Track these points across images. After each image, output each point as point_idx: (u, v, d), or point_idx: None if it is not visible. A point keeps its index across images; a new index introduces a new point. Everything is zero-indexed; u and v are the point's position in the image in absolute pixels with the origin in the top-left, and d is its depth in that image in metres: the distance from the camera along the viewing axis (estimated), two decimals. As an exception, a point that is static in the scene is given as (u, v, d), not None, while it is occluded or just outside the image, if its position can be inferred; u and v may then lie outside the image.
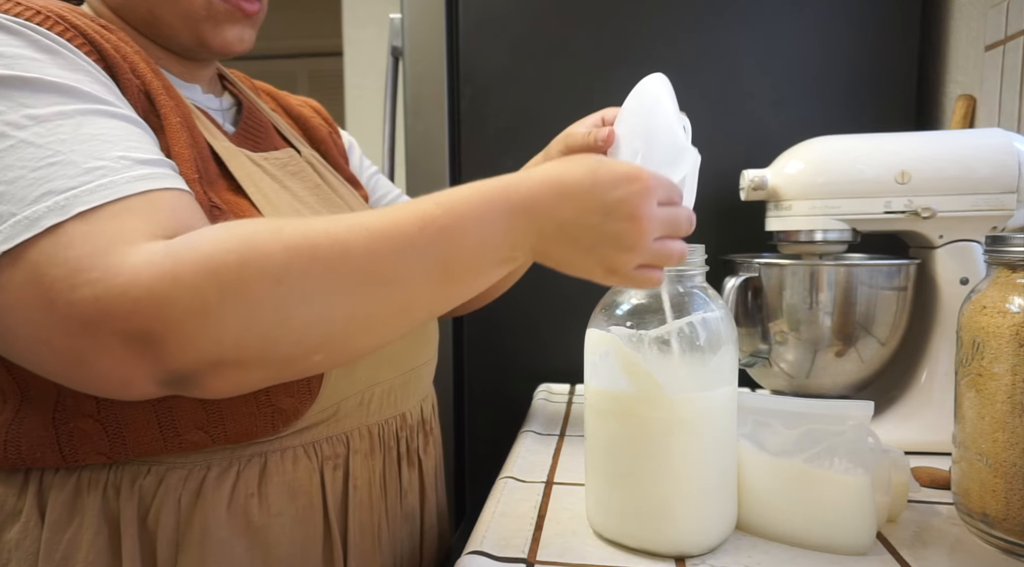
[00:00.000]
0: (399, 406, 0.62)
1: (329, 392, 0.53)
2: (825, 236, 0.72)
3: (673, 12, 0.98)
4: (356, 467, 0.56)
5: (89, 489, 0.49)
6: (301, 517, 0.53)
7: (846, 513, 0.49)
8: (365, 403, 0.57)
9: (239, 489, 0.50)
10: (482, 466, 1.08)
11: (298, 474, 0.53)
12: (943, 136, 0.71)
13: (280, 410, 0.50)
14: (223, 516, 0.50)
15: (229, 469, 0.50)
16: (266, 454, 0.52)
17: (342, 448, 0.56)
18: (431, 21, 1.02)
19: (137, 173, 0.42)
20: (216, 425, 0.48)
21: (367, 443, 0.58)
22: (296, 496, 0.53)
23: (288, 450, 0.52)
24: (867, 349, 0.71)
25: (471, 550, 0.50)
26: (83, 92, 0.43)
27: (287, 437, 0.52)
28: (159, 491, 0.49)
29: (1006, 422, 0.47)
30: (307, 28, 3.35)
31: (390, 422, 0.61)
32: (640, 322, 0.49)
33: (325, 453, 0.54)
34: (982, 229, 0.68)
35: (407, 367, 0.62)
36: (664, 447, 0.48)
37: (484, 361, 1.07)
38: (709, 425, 0.48)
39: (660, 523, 0.49)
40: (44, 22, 0.46)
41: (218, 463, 0.50)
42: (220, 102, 0.64)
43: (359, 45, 2.54)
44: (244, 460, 0.51)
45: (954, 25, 0.94)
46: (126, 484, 0.49)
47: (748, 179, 0.74)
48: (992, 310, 0.49)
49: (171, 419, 0.48)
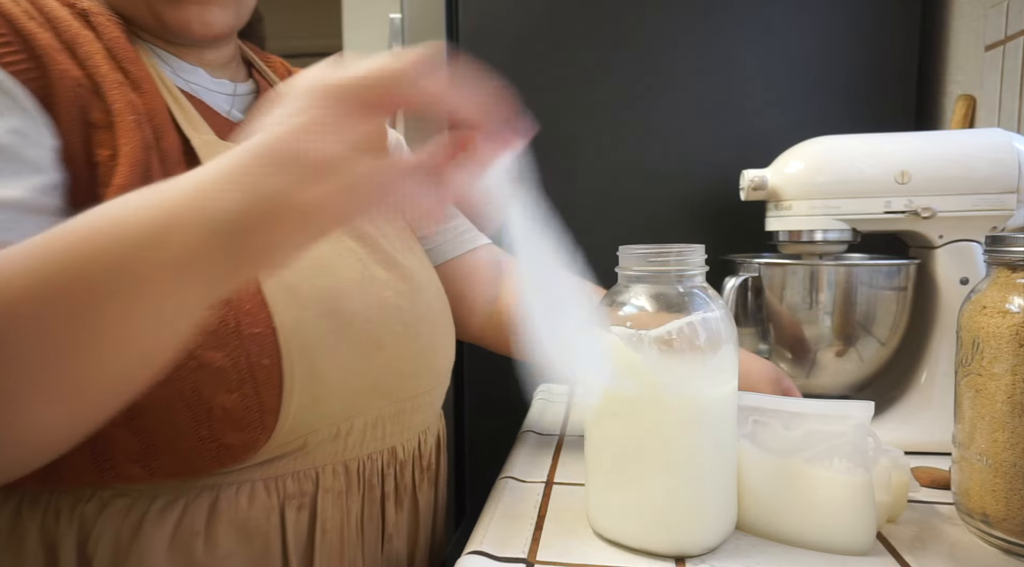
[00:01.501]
0: (388, 440, 0.55)
1: (291, 426, 0.46)
2: (825, 236, 0.72)
3: (673, 12, 0.98)
4: (326, 508, 0.50)
5: (29, 511, 0.46)
6: (255, 561, 0.47)
7: (846, 513, 0.49)
8: (341, 436, 0.51)
9: (184, 526, 0.46)
10: (482, 466, 1.08)
11: (253, 512, 0.47)
12: (943, 136, 0.71)
13: (226, 446, 0.44)
14: (163, 555, 0.45)
15: (175, 502, 0.46)
16: (219, 488, 0.46)
17: (309, 485, 0.49)
18: (431, 21, 1.02)
19: None
20: (153, 459, 0.44)
21: (341, 481, 0.51)
22: (250, 538, 0.47)
23: (245, 484, 0.47)
24: (867, 349, 0.71)
25: (471, 550, 0.50)
26: None
27: (244, 470, 0.47)
28: (100, 519, 0.45)
29: (1006, 422, 0.47)
30: (307, 28, 3.34)
31: (375, 457, 0.54)
32: (640, 322, 0.49)
33: (288, 490, 0.48)
34: (982, 229, 0.68)
35: (402, 396, 0.56)
36: (664, 447, 0.48)
37: (484, 361, 1.07)
38: (709, 425, 0.48)
39: (660, 523, 0.48)
40: None
41: (165, 493, 0.46)
42: (235, 87, 0.60)
43: (359, 45, 2.54)
44: (193, 493, 0.46)
45: (954, 25, 0.94)
46: (66, 509, 0.45)
47: (748, 179, 0.74)
48: (992, 310, 0.49)
49: (106, 450, 0.44)
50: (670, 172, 1.00)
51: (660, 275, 0.50)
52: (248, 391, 0.44)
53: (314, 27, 3.32)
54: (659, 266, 0.50)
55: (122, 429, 0.43)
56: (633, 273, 0.51)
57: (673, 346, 0.48)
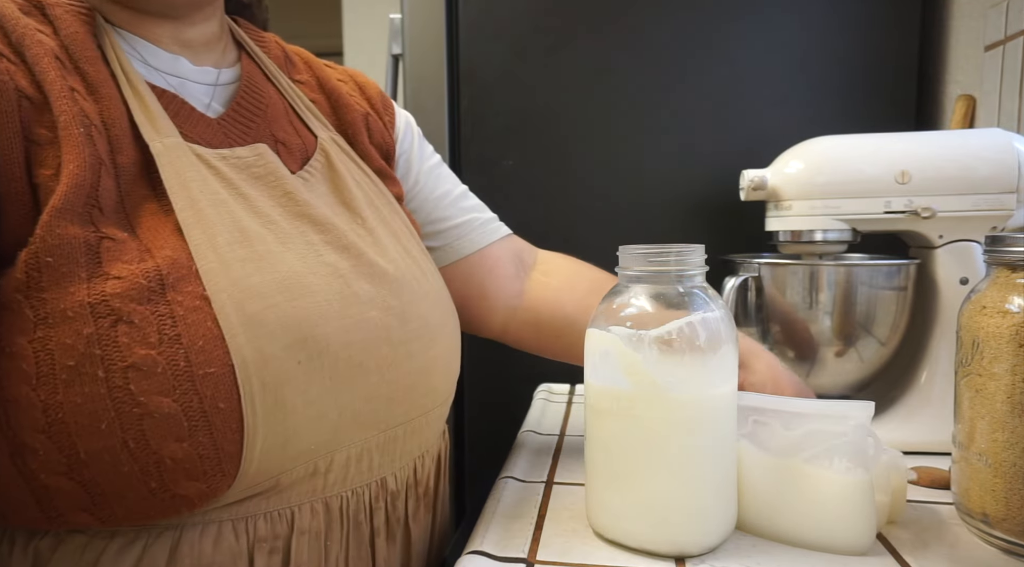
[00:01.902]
0: (376, 471, 0.50)
1: (256, 469, 0.42)
2: (825, 236, 0.72)
3: (673, 12, 0.98)
4: (300, 551, 0.45)
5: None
6: None
7: (846, 513, 0.49)
8: (320, 473, 0.46)
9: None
10: (482, 466, 1.08)
11: (218, 558, 0.43)
12: (943, 136, 0.71)
13: (181, 496, 0.40)
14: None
15: (135, 542, 0.42)
16: (182, 528, 0.42)
17: (283, 526, 0.45)
18: (431, 21, 1.02)
19: None
20: (101, 508, 0.40)
21: (320, 520, 0.46)
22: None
23: (210, 525, 0.43)
24: (867, 349, 0.71)
25: (471, 550, 0.50)
26: None
27: (210, 511, 0.43)
28: (56, 555, 0.42)
29: (1006, 422, 0.47)
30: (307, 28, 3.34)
31: (360, 492, 0.49)
32: (640, 322, 0.49)
33: (259, 533, 0.44)
34: (982, 229, 0.68)
35: (392, 423, 0.50)
36: (664, 447, 0.48)
37: (484, 361, 1.07)
38: (709, 425, 0.48)
39: (660, 523, 0.48)
40: None
41: (124, 533, 0.42)
42: (218, 75, 0.55)
43: (359, 45, 2.54)
44: (154, 534, 0.42)
45: (954, 25, 0.94)
46: (20, 541, 0.42)
47: (748, 179, 0.74)
48: (992, 310, 0.49)
49: (49, 500, 0.40)
50: (670, 172, 1.00)
51: (660, 275, 0.50)
52: (202, 438, 0.39)
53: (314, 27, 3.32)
54: (659, 266, 0.50)
55: (63, 479, 0.39)
56: (633, 273, 0.51)
57: (673, 346, 0.48)
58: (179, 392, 0.39)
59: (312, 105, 0.60)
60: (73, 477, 0.39)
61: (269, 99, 0.57)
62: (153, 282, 0.40)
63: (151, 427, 0.39)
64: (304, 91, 0.61)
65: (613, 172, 1.01)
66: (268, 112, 0.56)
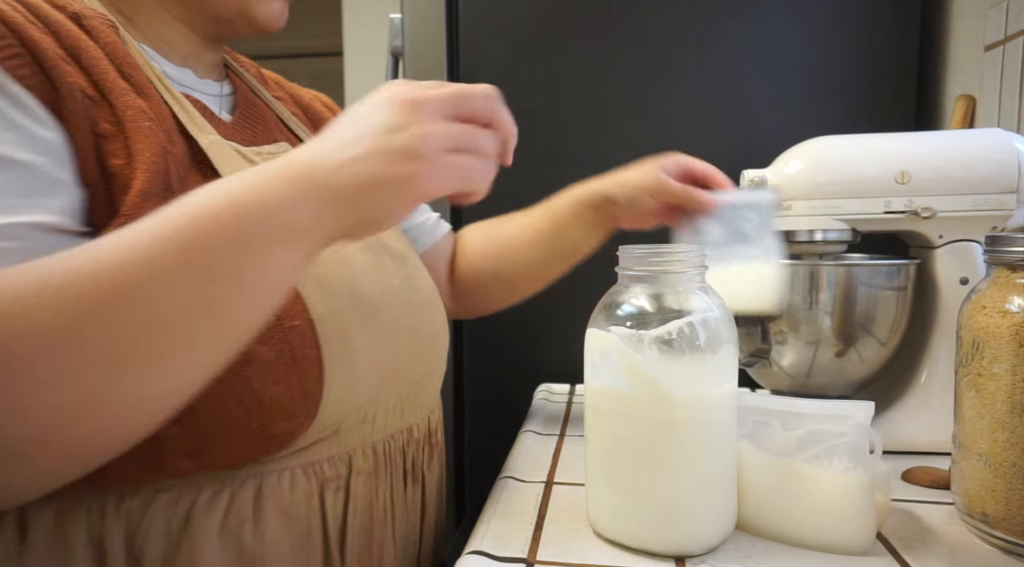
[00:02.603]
0: (406, 420, 0.58)
1: (329, 412, 0.49)
2: (825, 236, 0.72)
3: (673, 12, 0.98)
4: (357, 488, 0.52)
5: (72, 511, 0.45)
6: (299, 545, 0.49)
7: (846, 513, 0.49)
8: (369, 419, 0.53)
9: (232, 514, 0.47)
10: (482, 466, 1.08)
11: (296, 498, 0.49)
12: (943, 136, 0.71)
13: (273, 436, 0.46)
14: (214, 544, 0.46)
15: (221, 492, 0.47)
16: (262, 476, 0.48)
17: (344, 468, 0.52)
18: (431, 21, 1.02)
19: None
20: (203, 452, 0.45)
21: (370, 462, 0.54)
22: (293, 522, 0.49)
23: (285, 472, 0.49)
24: (867, 349, 0.71)
25: (471, 550, 0.50)
26: None
27: (285, 458, 0.49)
28: (147, 514, 0.46)
29: (1006, 422, 0.47)
30: (307, 28, 3.34)
31: (396, 438, 0.57)
32: (640, 322, 0.49)
33: (325, 475, 0.51)
34: (982, 229, 0.68)
35: (415, 377, 0.58)
36: (664, 447, 0.48)
37: (484, 361, 1.07)
38: (709, 425, 0.48)
39: (660, 523, 0.49)
40: None
41: (210, 485, 0.47)
42: (220, 87, 0.61)
43: (359, 45, 2.54)
44: (238, 482, 0.47)
45: (954, 25, 0.94)
46: (111, 506, 0.46)
47: (748, 179, 0.74)
48: (992, 310, 0.49)
49: (155, 447, 0.43)
50: (670, 172, 1.00)
51: (660, 275, 0.50)
52: (293, 382, 0.46)
53: (314, 27, 3.32)
54: (659, 266, 0.50)
55: (174, 427, 0.42)
56: (633, 273, 0.51)
57: (673, 346, 0.48)
58: (273, 342, 0.45)
59: (293, 117, 0.68)
60: (181, 422, 0.42)
61: (263, 109, 0.64)
62: None
63: (254, 372, 0.44)
64: (284, 106, 0.68)
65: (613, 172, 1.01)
66: (265, 120, 0.63)
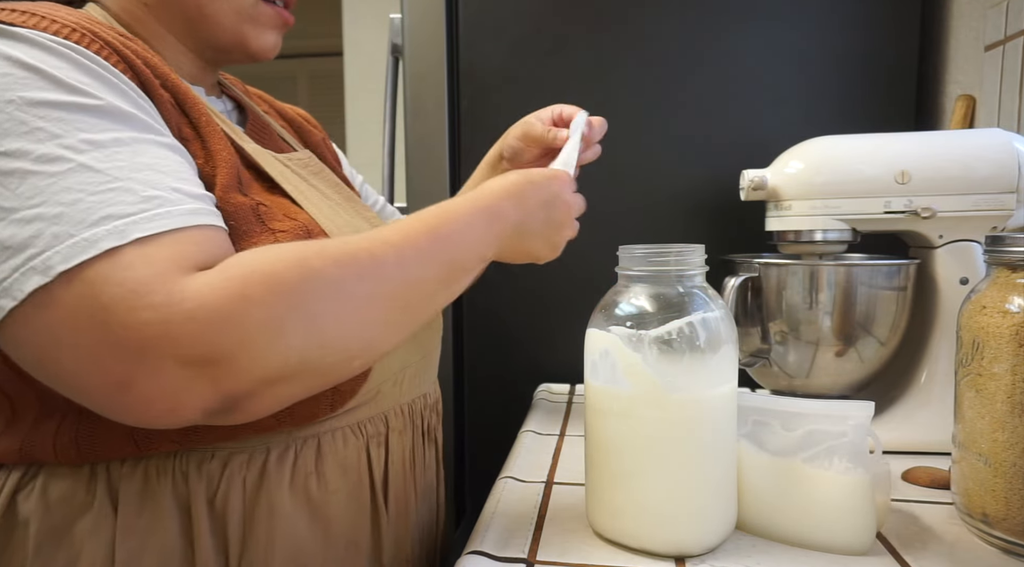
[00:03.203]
0: (423, 386, 0.65)
1: (376, 373, 0.56)
2: (825, 236, 0.72)
3: (673, 12, 0.98)
4: (394, 444, 0.60)
5: (159, 476, 0.50)
6: (353, 493, 0.56)
7: (846, 513, 0.49)
8: (399, 383, 0.61)
9: (299, 469, 0.53)
10: (482, 466, 1.08)
11: (348, 452, 0.56)
12: (943, 136, 0.71)
13: (338, 391, 0.53)
14: (286, 494, 0.52)
15: (287, 451, 0.53)
16: (319, 435, 0.54)
17: (383, 426, 0.59)
18: (431, 21, 1.02)
19: (189, 207, 0.44)
20: (285, 409, 0.50)
21: (401, 421, 0.61)
22: (347, 473, 0.56)
23: (338, 431, 0.56)
24: (867, 349, 0.71)
25: (471, 550, 0.50)
26: (135, 119, 0.45)
27: (337, 418, 0.55)
28: (224, 474, 0.51)
29: (1006, 422, 0.47)
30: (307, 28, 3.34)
31: (416, 401, 0.64)
32: (640, 322, 0.49)
33: (369, 432, 0.58)
34: (982, 229, 0.68)
35: (426, 348, 0.65)
36: (664, 447, 0.48)
37: (484, 361, 1.07)
38: (709, 425, 0.48)
39: (660, 523, 0.49)
40: (81, 40, 0.47)
41: (276, 446, 0.53)
42: (224, 104, 0.66)
43: (359, 45, 2.54)
44: (300, 442, 0.54)
45: (954, 25, 0.94)
46: (193, 469, 0.51)
47: (748, 179, 0.74)
48: (992, 310, 0.49)
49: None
50: (670, 172, 1.00)
51: (660, 275, 0.50)
52: None
53: (314, 27, 3.32)
54: (659, 266, 0.50)
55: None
56: (633, 273, 0.51)
57: (673, 346, 0.48)
58: None
59: (282, 130, 0.73)
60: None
61: (265, 122, 0.68)
62: (303, 234, 0.52)
63: None
64: (272, 119, 0.73)
65: (613, 172, 1.01)
66: (270, 132, 0.67)
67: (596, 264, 0.73)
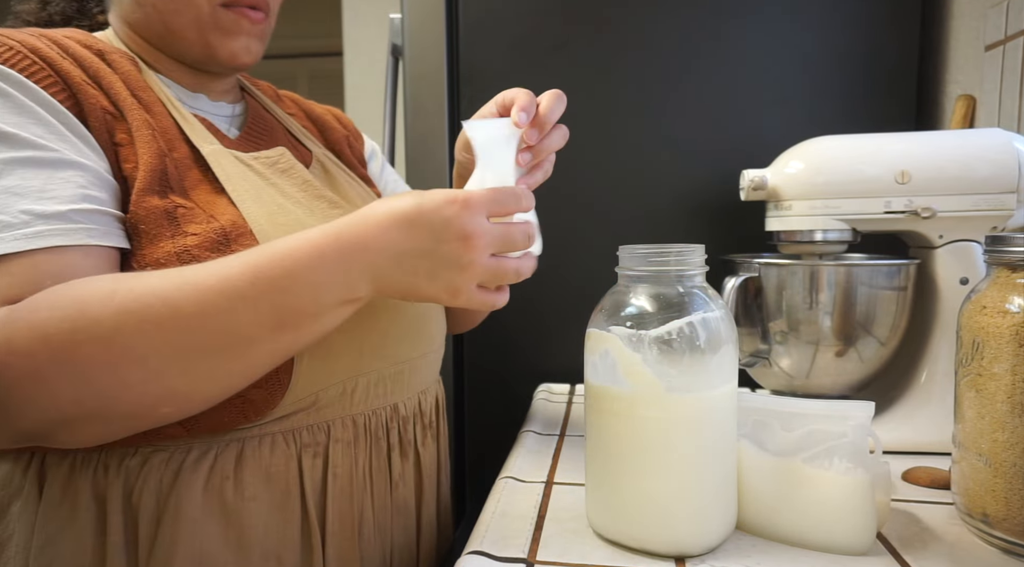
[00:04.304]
0: (390, 397, 0.62)
1: (303, 383, 0.54)
2: (825, 236, 0.72)
3: (673, 12, 0.98)
4: (336, 456, 0.57)
5: (82, 468, 0.52)
6: (278, 502, 0.54)
7: (846, 513, 0.49)
8: (348, 393, 0.58)
9: (215, 472, 0.53)
10: (482, 466, 1.08)
11: (275, 460, 0.54)
12: (943, 136, 0.71)
13: (250, 401, 0.52)
14: (198, 497, 0.52)
15: (207, 453, 0.53)
16: (244, 440, 0.54)
17: (322, 436, 0.57)
18: (431, 21, 1.02)
19: (32, 230, 0.45)
20: (191, 418, 0.51)
21: (350, 432, 0.58)
22: (272, 481, 0.54)
23: (266, 437, 0.54)
24: (867, 349, 0.71)
25: (471, 550, 0.50)
26: (19, 139, 0.48)
27: (266, 424, 0.54)
28: (143, 471, 0.52)
29: (1006, 422, 0.47)
30: (307, 28, 3.34)
31: (379, 413, 0.61)
32: (640, 322, 0.49)
33: (304, 441, 0.56)
34: (982, 229, 0.68)
35: (399, 359, 0.62)
36: (664, 447, 0.48)
37: (484, 361, 1.07)
38: (709, 425, 0.48)
39: (660, 523, 0.49)
40: (11, 58, 0.50)
41: (198, 447, 0.53)
42: (232, 109, 0.68)
43: (359, 45, 2.54)
44: (222, 445, 0.53)
45: (954, 25, 0.94)
46: (114, 464, 0.52)
47: (748, 179, 0.74)
48: (992, 310, 0.49)
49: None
50: (670, 172, 1.00)
51: (660, 275, 0.50)
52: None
53: (314, 27, 3.32)
54: (659, 266, 0.50)
55: None
56: (633, 273, 0.51)
57: (673, 346, 0.48)
58: None
59: (304, 129, 0.75)
60: None
61: (272, 124, 0.71)
62: (221, 237, 0.52)
63: None
64: (296, 120, 0.76)
65: (613, 172, 1.01)
66: (273, 133, 0.70)
67: (596, 264, 0.73)
